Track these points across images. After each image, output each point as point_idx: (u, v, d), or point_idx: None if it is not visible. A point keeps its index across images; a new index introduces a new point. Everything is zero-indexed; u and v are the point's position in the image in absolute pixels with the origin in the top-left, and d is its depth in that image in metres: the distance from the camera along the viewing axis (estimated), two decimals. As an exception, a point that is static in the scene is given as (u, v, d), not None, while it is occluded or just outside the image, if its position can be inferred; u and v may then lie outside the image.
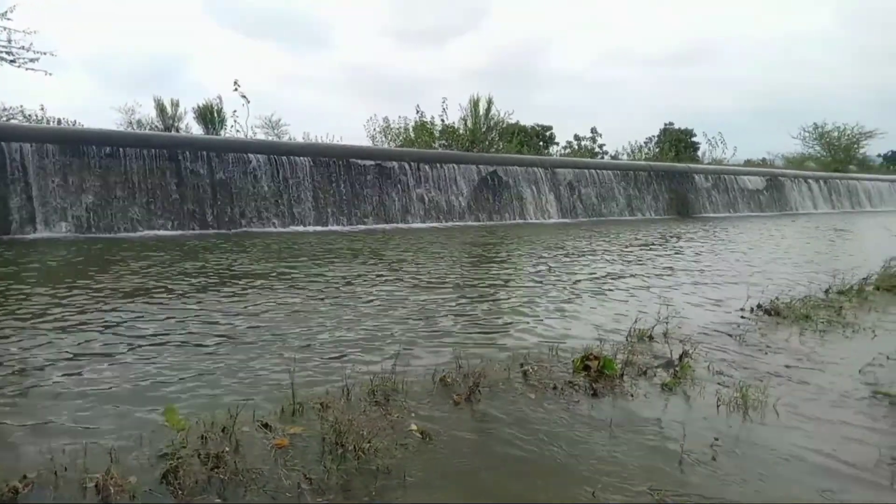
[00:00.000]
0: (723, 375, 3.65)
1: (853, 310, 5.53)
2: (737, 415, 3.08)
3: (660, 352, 4.04)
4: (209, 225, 11.27)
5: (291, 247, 9.70)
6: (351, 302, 5.48)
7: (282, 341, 4.16)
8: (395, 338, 4.34)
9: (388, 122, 20.83)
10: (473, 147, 19.06)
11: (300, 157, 12.57)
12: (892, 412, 3.17)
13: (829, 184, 29.89)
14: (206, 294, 5.68)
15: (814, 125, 38.66)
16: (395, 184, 13.95)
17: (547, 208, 17.39)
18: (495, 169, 16.36)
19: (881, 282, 6.77)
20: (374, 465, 2.37)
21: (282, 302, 5.40)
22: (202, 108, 18.60)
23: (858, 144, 38.53)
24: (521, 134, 27.53)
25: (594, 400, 3.24)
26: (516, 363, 3.62)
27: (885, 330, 4.85)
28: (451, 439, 2.68)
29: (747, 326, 4.84)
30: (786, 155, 39.18)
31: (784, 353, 4.17)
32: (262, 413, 2.76)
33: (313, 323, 4.68)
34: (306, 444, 2.52)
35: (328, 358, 3.84)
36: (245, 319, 4.75)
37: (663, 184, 21.21)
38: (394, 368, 3.28)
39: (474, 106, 19.71)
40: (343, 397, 2.97)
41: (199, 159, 11.35)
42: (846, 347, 4.36)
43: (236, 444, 2.46)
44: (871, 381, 3.59)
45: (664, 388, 3.41)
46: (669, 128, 35.22)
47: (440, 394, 3.18)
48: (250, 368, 3.58)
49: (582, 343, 4.22)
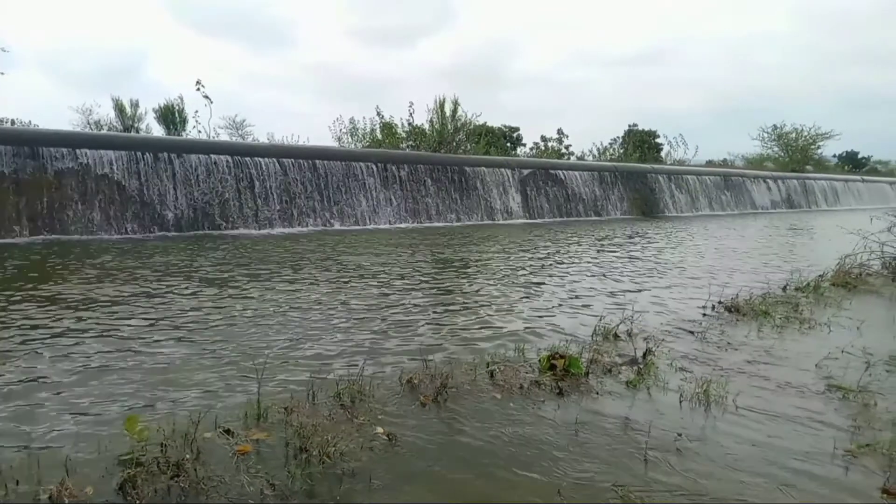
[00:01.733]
0: (685, 372, 3.71)
1: (809, 306, 5.69)
2: (699, 410, 3.14)
3: (625, 350, 4.09)
4: (171, 227, 11.03)
5: (256, 249, 9.56)
6: (316, 305, 5.42)
7: (245, 346, 4.09)
8: (362, 340, 4.30)
9: (354, 123, 20.71)
10: (441, 148, 19.08)
11: (265, 159, 12.41)
12: (846, 405, 3.27)
13: (787, 183, 30.76)
14: (166, 299, 5.55)
15: (773, 126, 39.79)
16: (361, 185, 13.86)
17: (514, 209, 17.50)
18: (462, 168, 16.40)
19: (836, 278, 6.99)
20: (339, 468, 2.35)
21: (245, 306, 5.31)
22: (163, 109, 18.22)
23: (815, 145, 39.77)
24: (489, 135, 27.63)
25: (560, 399, 3.26)
26: (483, 364, 3.62)
27: (840, 325, 5.01)
28: (418, 441, 2.67)
29: (709, 323, 4.94)
30: (745, 155, 40.26)
31: (744, 348, 4.27)
32: (224, 419, 2.70)
33: (278, 327, 4.62)
34: (270, 449, 2.48)
35: (293, 362, 3.78)
36: (207, 325, 4.66)
37: (628, 184, 21.55)
38: (360, 371, 3.25)
39: (441, 107, 19.75)
40: (308, 401, 2.94)
41: (161, 160, 11.10)
42: (803, 342, 4.49)
43: (198, 452, 2.40)
44: (826, 375, 3.70)
45: (629, 386, 3.46)
46: (633, 129, 35.77)
47: (407, 395, 3.16)
48: (213, 374, 3.51)
49: (549, 342, 4.26)
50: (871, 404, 3.26)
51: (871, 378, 3.59)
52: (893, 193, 38.78)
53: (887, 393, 3.44)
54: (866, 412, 3.17)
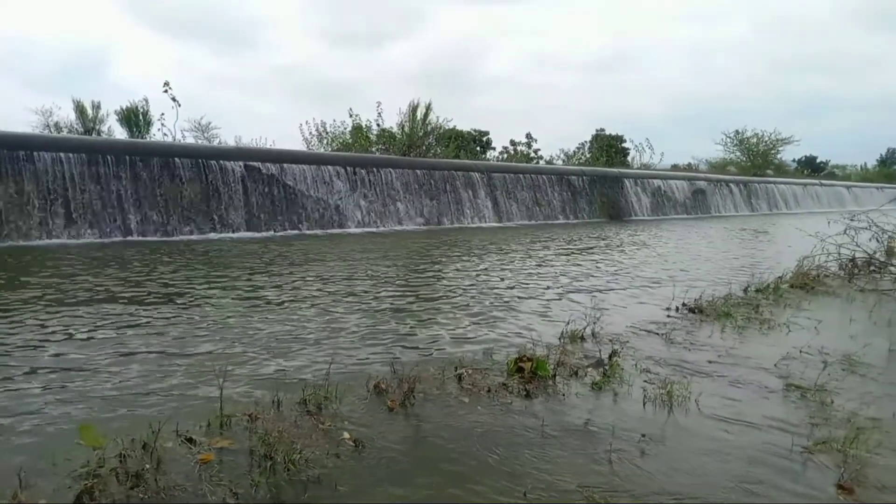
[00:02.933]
0: (650, 373, 3.77)
1: (769, 307, 5.84)
2: (663, 410, 3.19)
3: (591, 352, 4.14)
4: (132, 232, 10.79)
5: (221, 254, 9.41)
6: (281, 311, 5.36)
7: (208, 353, 4.02)
8: (329, 346, 4.27)
9: (323, 126, 20.56)
10: (410, 151, 19.08)
11: (231, 162, 12.22)
12: (804, 403, 3.36)
13: (749, 187, 31.53)
14: (127, 305, 5.42)
15: (735, 132, 40.84)
16: (330, 188, 13.76)
17: (484, 213, 17.58)
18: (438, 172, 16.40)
19: (794, 280, 7.18)
20: (304, 475, 2.32)
21: (207, 313, 5.22)
22: (126, 111, 17.83)
23: (775, 150, 40.91)
24: (459, 139, 27.74)
25: (527, 401, 3.28)
26: (451, 368, 3.63)
27: (798, 325, 5.14)
28: (385, 446, 2.65)
29: (673, 325, 5.03)
30: (709, 160, 41.16)
31: (706, 349, 4.36)
32: (186, 427, 2.65)
33: (242, 334, 4.55)
34: (233, 457, 2.44)
35: (258, 369, 3.73)
36: (169, 331, 4.57)
37: (595, 188, 21.83)
38: (327, 377, 3.23)
39: (413, 111, 19.77)
40: (273, 408, 2.90)
41: (123, 163, 10.86)
42: (763, 343, 4.60)
43: (158, 461, 2.35)
44: (785, 375, 3.79)
45: (594, 388, 3.50)
46: (601, 133, 36.32)
47: (374, 401, 3.15)
48: (175, 382, 3.44)
49: (517, 346, 4.28)
50: (828, 402, 3.36)
51: (828, 377, 3.69)
52: (850, 197, 40.05)
53: (843, 391, 3.54)
54: (823, 410, 3.26)
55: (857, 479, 2.47)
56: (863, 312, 5.79)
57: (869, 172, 55.40)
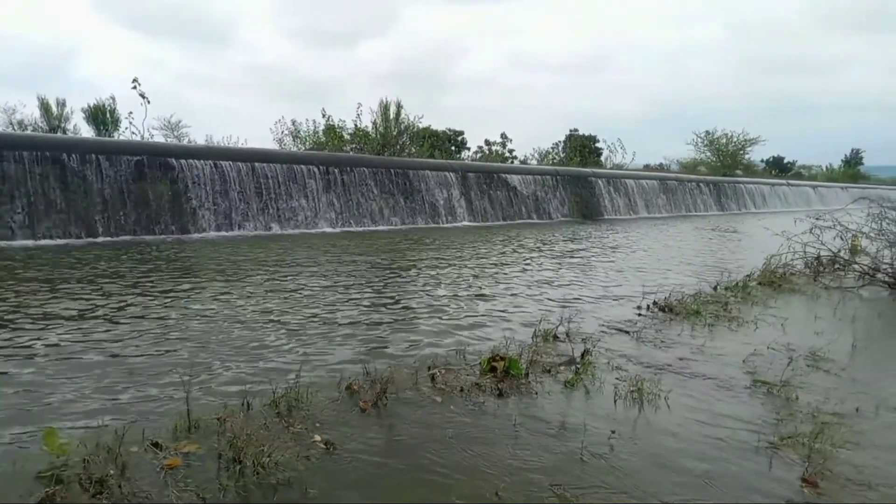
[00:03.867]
0: (621, 371, 3.81)
1: (738, 304, 5.94)
2: (633, 407, 3.22)
3: (563, 350, 4.16)
4: (99, 233, 10.54)
5: (189, 255, 9.25)
6: (252, 312, 5.29)
7: (176, 356, 3.94)
8: (301, 347, 4.22)
9: (295, 125, 20.36)
10: (384, 151, 19.00)
11: (201, 161, 12.02)
12: (770, 399, 3.42)
13: (719, 187, 32.05)
14: (91, 308, 5.30)
15: (705, 132, 41.49)
16: (302, 188, 13.63)
17: (459, 212, 17.58)
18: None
19: (762, 278, 7.33)
20: (273, 479, 2.29)
21: (175, 315, 5.12)
22: (93, 109, 17.43)
23: (744, 150, 41.69)
24: (433, 138, 27.71)
25: (500, 400, 3.28)
26: (424, 368, 3.62)
27: (765, 322, 5.25)
28: (357, 447, 2.63)
29: (644, 323, 5.08)
30: (680, 160, 41.76)
31: (676, 346, 4.42)
32: (152, 432, 2.60)
33: (212, 334, 4.48)
34: (201, 462, 2.39)
35: (228, 371, 3.67)
36: (134, 335, 4.47)
37: (569, 188, 21.98)
38: (297, 378, 3.19)
39: (384, 110, 19.69)
40: (242, 411, 2.85)
41: (88, 162, 10.60)
42: (731, 340, 4.68)
43: (123, 467, 2.30)
44: (752, 371, 3.87)
45: (567, 386, 3.52)
46: (574, 133, 36.56)
47: (346, 402, 3.12)
48: (142, 386, 3.37)
49: (490, 345, 4.28)
50: (793, 398, 3.43)
51: (794, 373, 3.77)
52: (816, 196, 40.98)
53: (808, 387, 3.62)
54: (788, 406, 3.33)
55: (822, 472, 2.53)
56: (827, 309, 5.93)
57: (834, 173, 56.78)
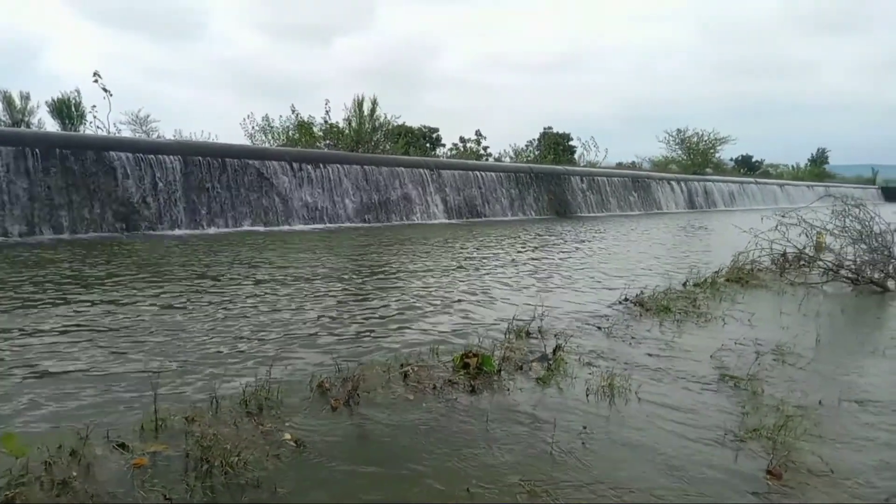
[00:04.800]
0: (592, 366, 3.84)
1: (706, 300, 6.04)
2: (604, 402, 3.26)
3: (536, 347, 4.19)
4: (65, 229, 10.30)
5: (157, 252, 9.09)
6: (222, 310, 5.22)
7: (143, 355, 3.87)
8: (271, 345, 4.18)
9: (267, 121, 20.11)
10: (358, 147, 18.90)
11: (170, 156, 11.81)
12: (737, 393, 3.49)
13: (689, 185, 32.59)
14: (53, 307, 5.17)
15: (677, 131, 42.13)
16: (274, 185, 13.48)
17: (433, 209, 17.57)
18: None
19: (730, 274, 7.47)
20: (242, 478, 2.26)
21: (143, 311, 5.03)
22: (57, 103, 17.00)
23: (714, 149, 42.43)
24: (408, 135, 27.65)
25: (472, 397, 3.29)
26: (397, 365, 3.60)
27: (733, 318, 5.34)
28: (328, 446, 2.61)
29: (615, 319, 5.14)
30: (652, 158, 42.36)
31: (647, 342, 4.48)
32: (118, 432, 2.54)
33: (180, 333, 4.41)
34: (168, 462, 2.35)
35: (196, 369, 3.62)
36: (99, 333, 4.38)
37: (543, 185, 22.13)
38: (268, 376, 3.15)
39: (359, 106, 19.58)
40: (211, 410, 2.81)
41: (53, 157, 10.33)
42: (700, 335, 4.76)
43: (87, 468, 2.25)
44: (720, 365, 3.94)
45: (539, 382, 3.54)
46: (548, 132, 36.80)
47: (317, 400, 3.09)
48: (107, 384, 3.30)
49: (464, 342, 4.29)
50: (759, 392, 3.50)
51: (760, 367, 3.85)
52: (783, 195, 41.91)
53: (774, 381, 3.70)
54: (754, 399, 3.39)
55: (786, 464, 2.58)
56: (793, 305, 6.07)
57: (800, 172, 58.12)
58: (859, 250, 7.73)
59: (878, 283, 7.25)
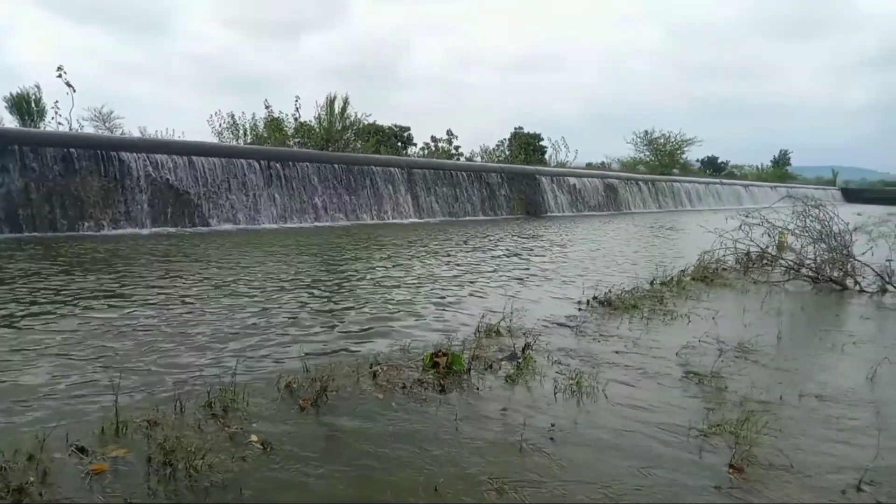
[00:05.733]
0: (561, 364, 3.88)
1: (673, 299, 6.15)
2: (572, 400, 3.29)
3: (505, 345, 4.20)
4: (22, 228, 9.99)
5: (119, 251, 8.88)
6: (187, 310, 5.12)
7: (103, 356, 3.78)
8: (237, 346, 4.12)
9: (234, 118, 19.79)
10: (329, 146, 18.74)
11: (133, 154, 11.54)
12: (701, 389, 3.55)
13: (657, 185, 33.09)
14: (9, 307, 5.02)
15: (644, 132, 42.76)
16: (242, 183, 13.28)
17: (404, 208, 17.52)
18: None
19: (695, 273, 7.61)
20: (207, 481, 2.22)
21: (104, 313, 4.91)
22: (16, 98, 16.48)
23: (681, 150, 43.20)
24: (379, 134, 27.51)
25: (442, 396, 3.29)
26: (366, 364, 3.58)
27: (698, 316, 5.45)
28: (296, 447, 2.58)
29: (584, 317, 5.20)
30: (621, 159, 42.92)
31: (614, 340, 4.53)
32: (77, 436, 2.47)
33: (141, 335, 4.31)
34: (129, 466, 2.30)
35: (159, 371, 3.55)
36: (59, 334, 4.26)
37: (514, 185, 22.24)
38: (233, 377, 3.10)
39: (330, 104, 19.40)
40: (175, 412, 2.76)
41: (9, 153, 10.01)
42: (666, 333, 4.83)
43: (44, 474, 2.19)
44: (685, 363, 4.01)
45: (508, 380, 3.55)
46: (519, 131, 36.98)
47: (285, 401, 3.06)
48: (66, 387, 3.21)
49: (434, 341, 4.29)
50: (723, 388, 3.57)
51: (723, 364, 3.93)
52: (747, 195, 42.83)
53: (736, 377, 3.78)
54: (718, 395, 3.46)
55: (747, 458, 2.64)
56: (755, 303, 6.21)
57: (764, 172, 59.48)
58: (819, 249, 7.95)
59: (837, 282, 7.46)
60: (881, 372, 3.90)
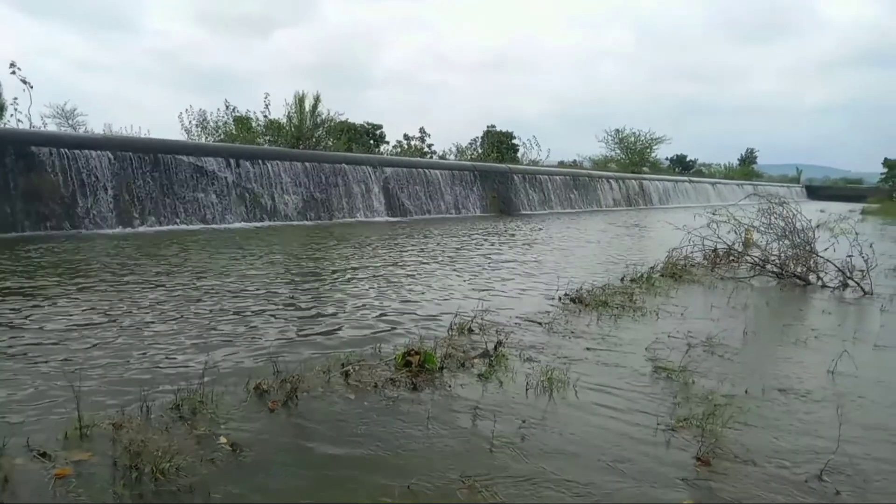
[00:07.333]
0: (532, 361, 3.91)
1: (642, 295, 6.24)
2: (543, 396, 3.32)
3: (478, 343, 4.22)
4: None
5: (81, 251, 8.67)
6: (153, 312, 5.03)
7: (66, 361, 3.68)
8: (206, 348, 4.05)
9: (204, 116, 19.47)
10: (299, 144, 18.57)
11: (97, 151, 11.27)
12: (669, 384, 3.61)
13: (627, 183, 33.51)
14: (-24, 308, 4.86)
15: (615, 130, 43.28)
16: (211, 181, 13.07)
17: (376, 207, 17.45)
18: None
19: (665, 269, 7.73)
20: (175, 485, 2.19)
21: (66, 314, 4.79)
22: (-27, 94, 15.93)
23: (651, 148, 43.81)
24: (351, 132, 27.33)
25: (414, 395, 3.29)
26: (338, 365, 3.56)
27: (667, 312, 5.53)
28: (266, 449, 2.56)
29: (555, 314, 5.24)
30: (592, 157, 43.37)
31: (585, 336, 4.58)
32: (40, 441, 2.41)
33: (107, 335, 4.21)
34: (94, 470, 2.25)
35: (125, 374, 3.47)
36: (18, 335, 4.14)
37: (487, 183, 22.31)
38: (202, 379, 3.06)
39: (300, 102, 19.22)
40: (141, 415, 2.71)
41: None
42: (635, 329, 4.90)
43: (5, 480, 2.13)
44: (654, 358, 4.07)
45: (480, 378, 3.57)
46: (492, 130, 37.09)
47: (255, 402, 3.03)
48: (27, 391, 3.12)
49: (406, 339, 4.28)
50: (690, 382, 3.64)
51: (691, 359, 4.01)
52: (714, 193, 43.65)
53: (703, 372, 3.85)
54: (685, 390, 3.53)
55: (713, 451, 2.70)
56: (722, 299, 6.33)
57: (731, 171, 60.65)
58: (783, 246, 8.14)
59: (801, 277, 7.65)
60: (841, 365, 4.01)
